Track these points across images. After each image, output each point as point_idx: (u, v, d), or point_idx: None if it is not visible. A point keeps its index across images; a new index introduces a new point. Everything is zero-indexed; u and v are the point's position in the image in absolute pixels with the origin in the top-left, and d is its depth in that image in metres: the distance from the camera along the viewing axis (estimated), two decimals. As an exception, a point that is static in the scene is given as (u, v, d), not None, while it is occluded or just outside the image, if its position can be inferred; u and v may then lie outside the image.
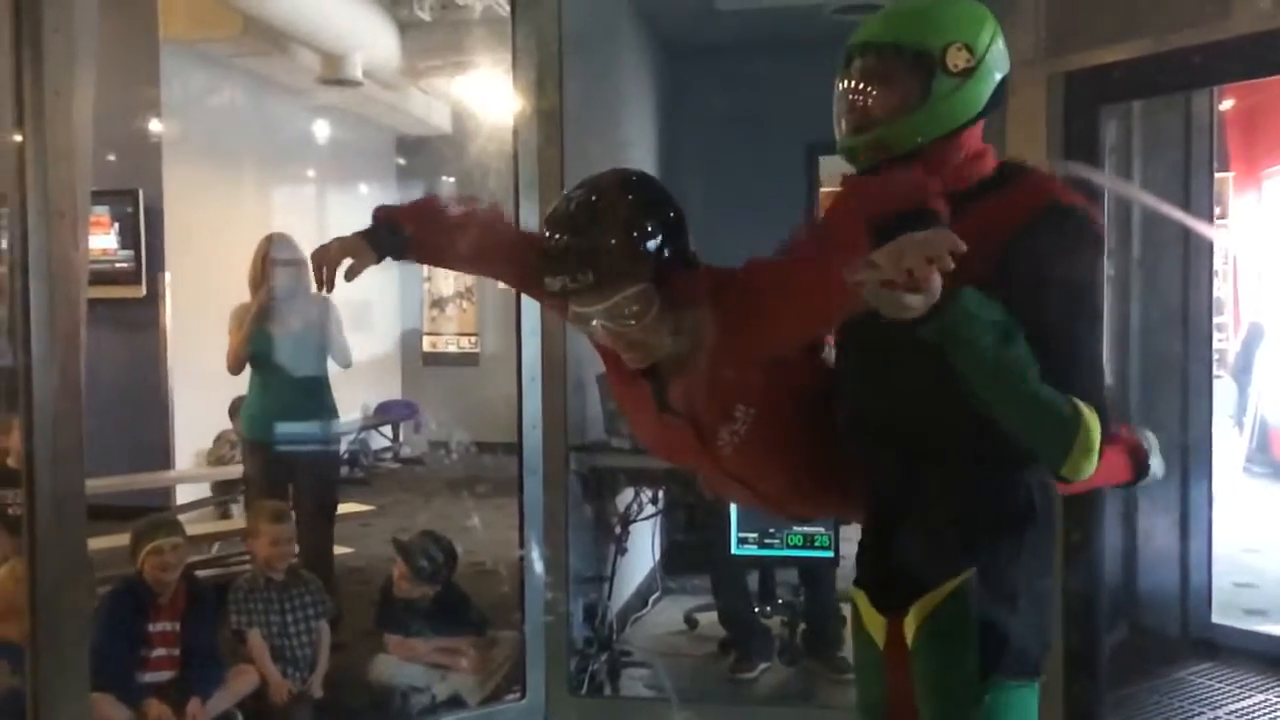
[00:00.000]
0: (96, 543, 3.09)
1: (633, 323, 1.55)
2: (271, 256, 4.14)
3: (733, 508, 3.45)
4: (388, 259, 1.94)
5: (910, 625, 1.63)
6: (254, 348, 4.15)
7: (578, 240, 1.54)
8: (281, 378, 4.19)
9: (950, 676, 1.60)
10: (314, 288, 4.30)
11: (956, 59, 1.57)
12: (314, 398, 4.28)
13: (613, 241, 1.53)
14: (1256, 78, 3.42)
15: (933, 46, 1.57)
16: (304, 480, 4.27)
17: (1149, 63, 2.94)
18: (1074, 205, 1.56)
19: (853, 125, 1.64)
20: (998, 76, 1.61)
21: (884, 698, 1.71)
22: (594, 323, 1.57)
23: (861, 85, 1.62)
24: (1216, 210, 4.63)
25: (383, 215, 1.96)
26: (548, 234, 1.58)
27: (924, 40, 1.58)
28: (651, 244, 1.55)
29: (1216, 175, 4.31)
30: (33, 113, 2.70)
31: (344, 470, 6.32)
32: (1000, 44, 1.61)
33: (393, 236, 1.92)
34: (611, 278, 1.52)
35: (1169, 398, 3.94)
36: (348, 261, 1.89)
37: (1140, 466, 1.98)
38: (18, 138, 2.80)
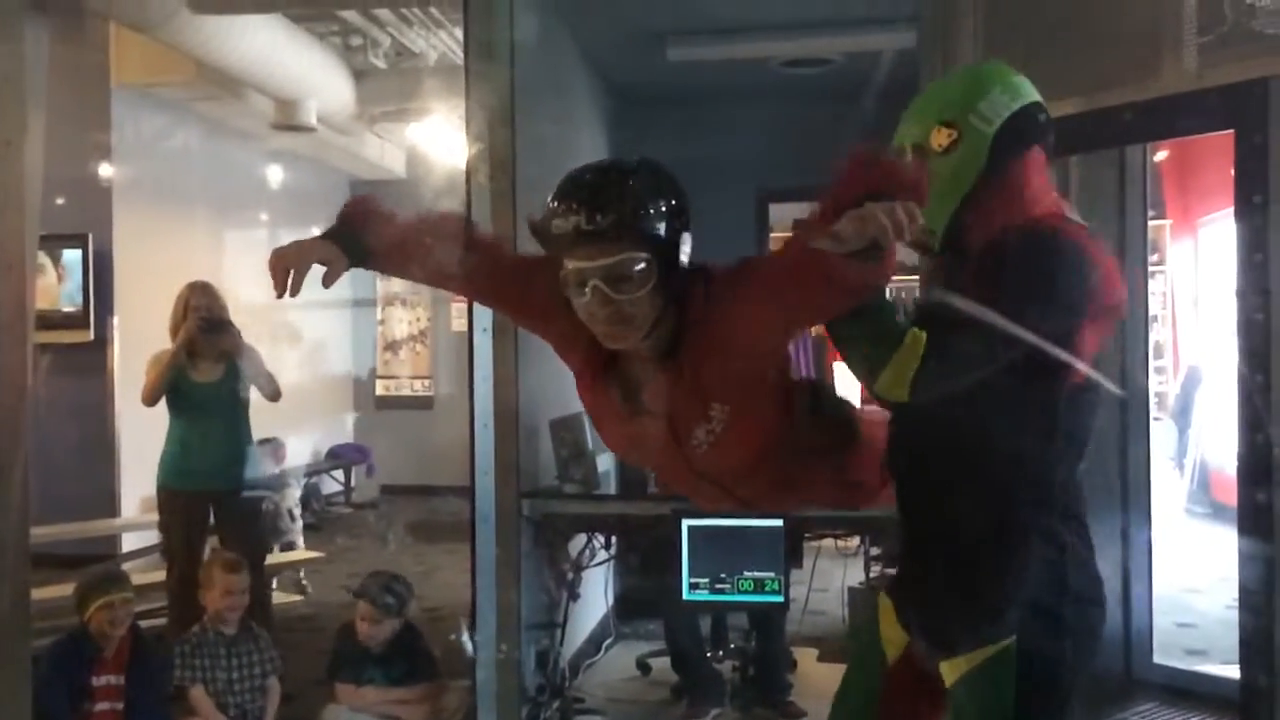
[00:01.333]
0: (39, 592, 3.05)
1: (631, 290, 1.55)
2: (192, 304, 4.17)
3: (685, 554, 3.48)
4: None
5: (949, 673, 1.74)
6: (171, 392, 4.17)
7: (601, 185, 1.56)
8: (199, 424, 4.20)
9: None
10: (233, 339, 4.31)
11: (939, 139, 1.72)
12: (231, 445, 4.28)
13: (634, 195, 1.55)
14: (1184, 135, 3.55)
15: (920, 139, 1.74)
16: (227, 529, 4.26)
17: (1080, 120, 3.05)
18: (1060, 233, 1.68)
19: None
20: (990, 130, 1.70)
21: (873, 699, 1.84)
22: (589, 284, 1.55)
23: None
24: (1154, 256, 4.75)
25: (349, 217, 1.82)
26: (570, 178, 1.59)
27: (916, 136, 1.75)
28: (664, 215, 1.56)
29: (1153, 222, 4.44)
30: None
31: (296, 515, 6.24)
32: (989, 98, 1.71)
33: (355, 241, 1.79)
34: (627, 230, 1.53)
35: (1107, 441, 4.02)
36: (313, 267, 1.75)
37: None
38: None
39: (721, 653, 4.08)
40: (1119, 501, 3.96)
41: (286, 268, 1.73)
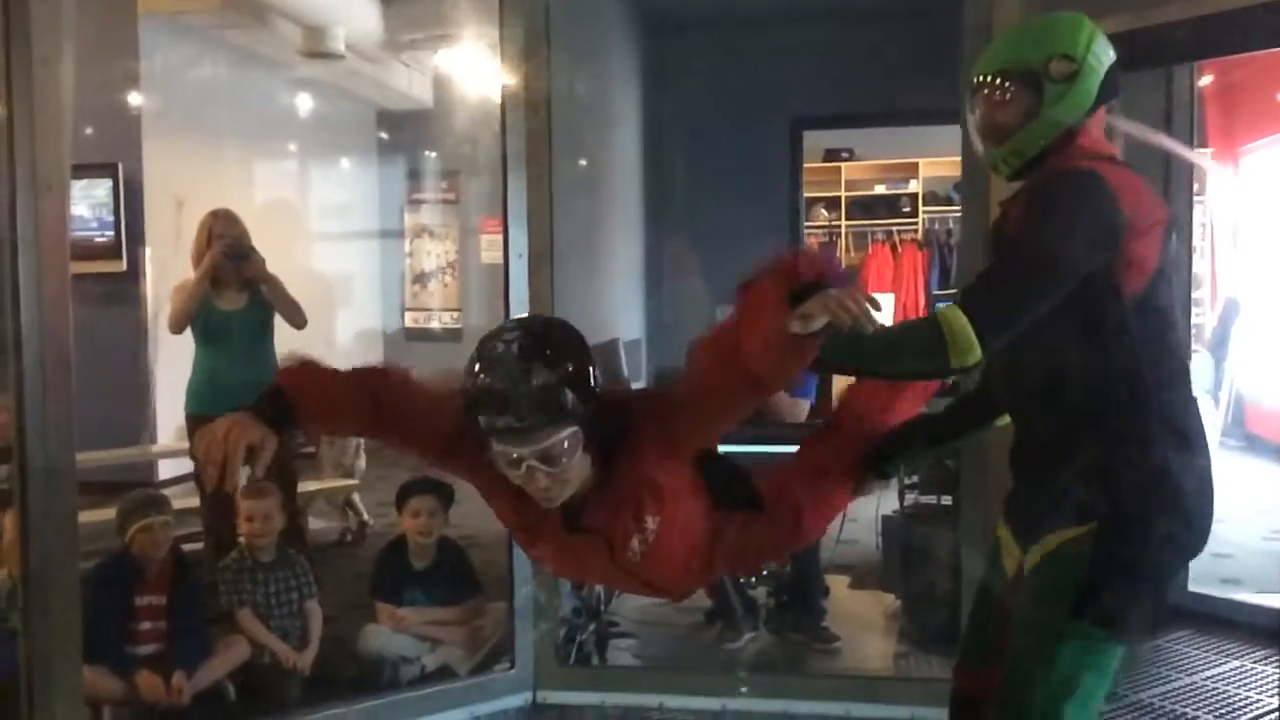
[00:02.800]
0: (80, 517, 3.10)
1: (564, 462, 1.65)
2: (216, 232, 4.17)
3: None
4: None
5: (1031, 558, 1.86)
6: (197, 320, 4.18)
7: (525, 382, 1.61)
8: (225, 352, 4.21)
9: (1043, 611, 1.81)
10: (257, 266, 4.30)
11: (1060, 68, 1.85)
12: (258, 371, 4.28)
13: (557, 383, 1.62)
14: (1237, 53, 3.46)
15: (1036, 64, 1.87)
16: (254, 457, 4.28)
17: (1129, 37, 2.97)
18: (1078, 167, 1.81)
19: (989, 141, 1.94)
20: (1102, 71, 1.87)
21: (998, 623, 1.95)
22: (523, 466, 1.65)
23: (986, 107, 1.93)
24: (1195, 186, 4.67)
25: (272, 389, 1.85)
26: (482, 376, 1.64)
27: (1027, 61, 1.88)
28: (585, 387, 1.66)
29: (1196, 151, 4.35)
30: (19, 82, 2.68)
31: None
32: (1099, 42, 1.88)
33: (278, 408, 1.81)
34: (556, 420, 1.62)
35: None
36: (242, 448, 1.75)
37: None
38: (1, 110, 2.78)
39: (754, 578, 4.11)
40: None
41: (219, 461, 1.73)
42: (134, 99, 6.31)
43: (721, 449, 3.43)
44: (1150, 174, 4.01)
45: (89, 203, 6.32)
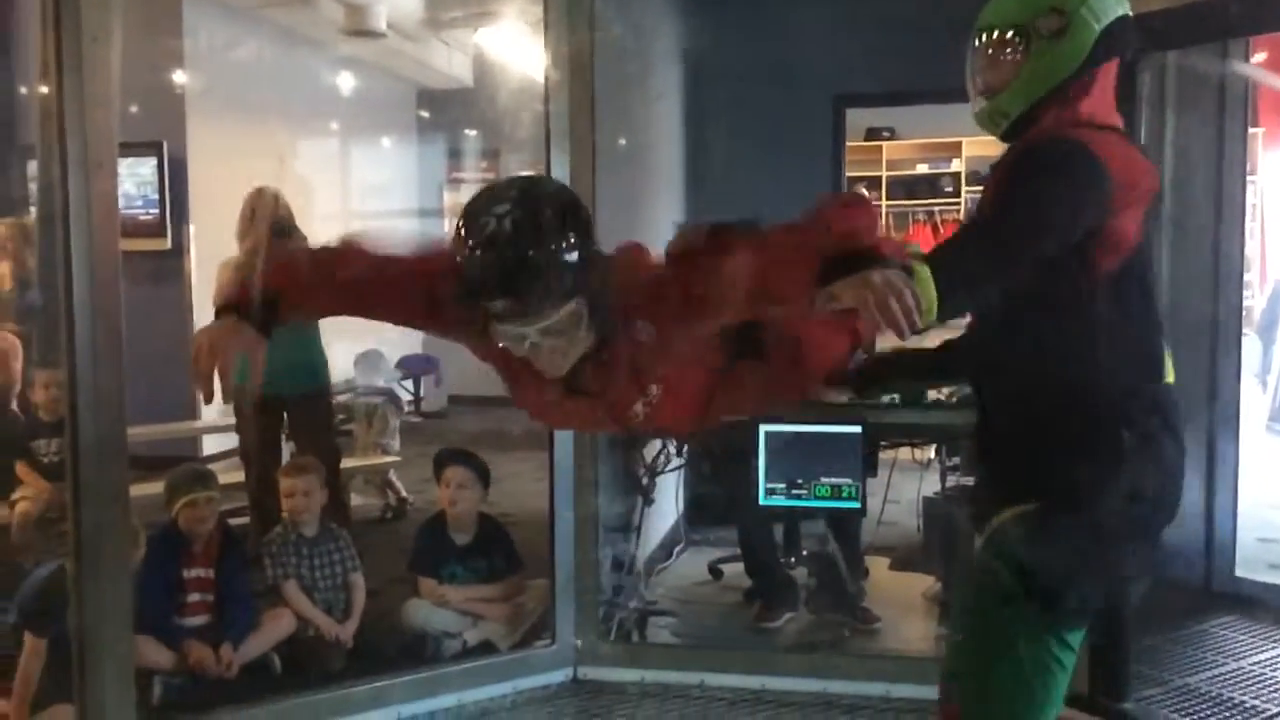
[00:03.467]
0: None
1: (568, 335, 1.58)
2: (260, 211, 4.21)
3: (761, 459, 3.48)
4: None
5: (980, 540, 1.79)
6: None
7: (521, 259, 1.51)
8: None
9: (984, 596, 1.74)
10: (300, 243, 4.36)
11: (1047, 23, 1.75)
12: (302, 349, 4.34)
13: (553, 261, 1.52)
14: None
15: (1023, 20, 1.77)
16: (299, 432, 4.35)
17: (1184, 12, 2.91)
18: (1064, 136, 1.72)
19: (978, 97, 1.85)
20: (1097, 27, 1.75)
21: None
22: (527, 342, 1.58)
23: (977, 63, 1.84)
24: (1248, 165, 4.58)
25: (243, 291, 1.77)
26: (478, 253, 1.53)
27: (1018, 17, 1.78)
28: (584, 256, 1.55)
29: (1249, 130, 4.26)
30: (70, 60, 2.71)
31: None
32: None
33: (264, 307, 1.74)
34: (556, 296, 1.53)
35: (1198, 354, 3.93)
36: (234, 353, 1.70)
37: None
38: (43, 88, 2.80)
39: (794, 559, 4.10)
40: (1206, 415, 3.89)
41: (209, 373, 1.68)
42: (178, 78, 6.36)
43: (765, 428, 3.43)
44: (1204, 150, 3.95)
45: (134, 180, 6.37)
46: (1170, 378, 1.80)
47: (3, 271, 5.02)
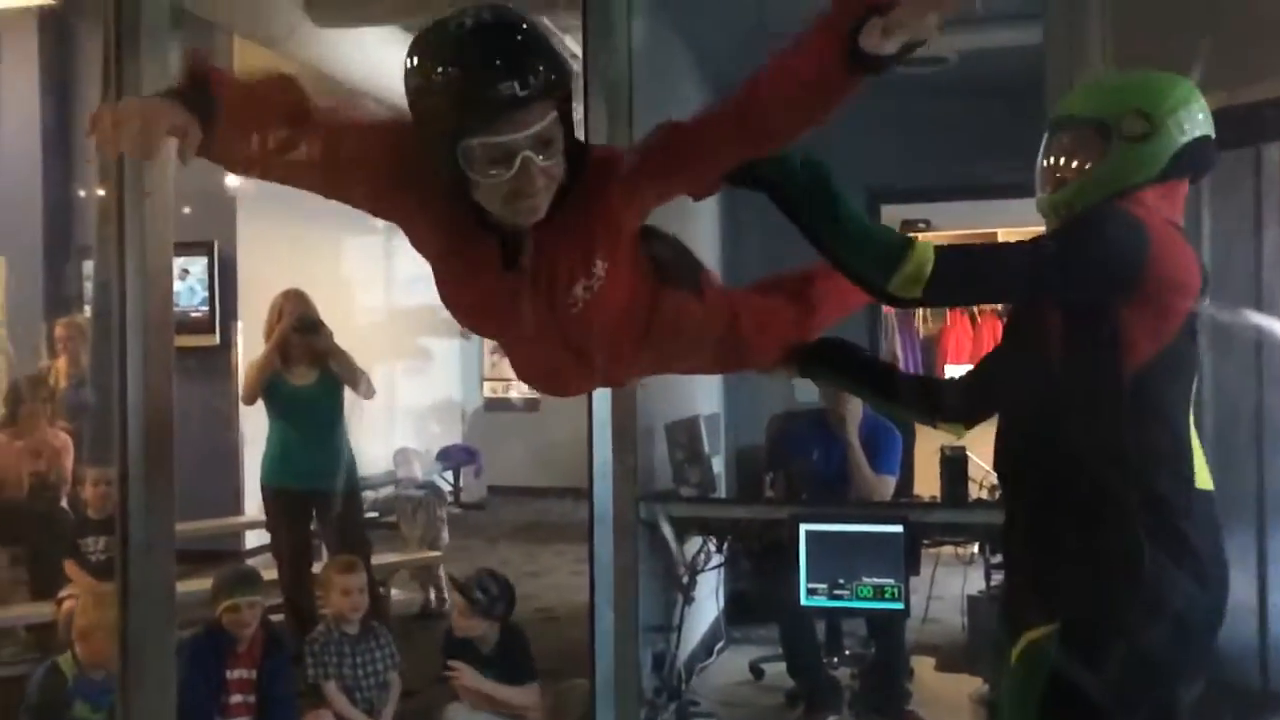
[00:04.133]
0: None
1: (555, 149, 1.44)
2: (286, 309, 4.32)
3: (803, 558, 3.46)
4: None
5: (1009, 661, 1.70)
6: (268, 395, 4.32)
7: (519, 42, 1.40)
8: (296, 427, 4.36)
9: (1014, 712, 1.67)
10: (325, 340, 4.47)
11: (1132, 125, 1.71)
12: (329, 445, 4.42)
13: (550, 48, 1.42)
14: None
15: (1109, 115, 1.73)
16: (330, 529, 4.41)
17: (1221, 115, 2.94)
18: (1120, 207, 1.69)
19: (1046, 187, 1.81)
20: (1181, 140, 1.71)
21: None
22: (519, 157, 1.41)
23: (1052, 153, 1.80)
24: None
25: (195, 68, 1.50)
26: (464, 47, 1.40)
27: (1102, 111, 1.74)
28: (568, 65, 1.45)
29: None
30: (130, 167, 2.82)
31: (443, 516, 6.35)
32: (1188, 110, 1.73)
33: (201, 96, 1.46)
34: (551, 89, 1.41)
35: (1245, 450, 3.88)
36: (163, 133, 1.43)
37: None
38: (100, 191, 2.90)
39: (837, 659, 4.04)
40: (1255, 511, 3.82)
41: (118, 125, 1.41)
42: (230, 180, 6.56)
43: (806, 527, 3.42)
44: (1241, 244, 3.94)
45: (185, 278, 6.56)
46: (1207, 483, 1.71)
47: (58, 369, 5.16)
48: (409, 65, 1.44)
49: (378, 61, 5.66)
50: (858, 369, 2.03)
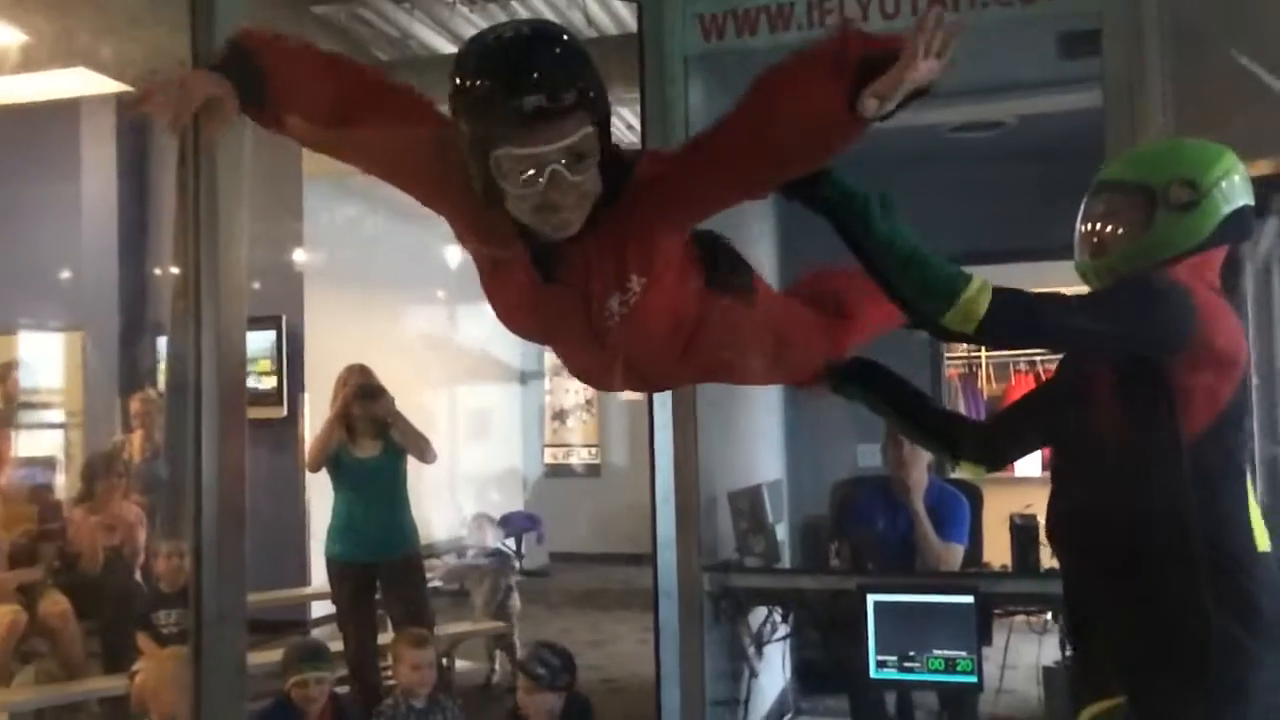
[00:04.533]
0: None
1: (589, 164, 1.44)
2: (350, 384, 4.39)
3: (871, 630, 3.40)
4: None
5: None
6: (333, 467, 4.39)
7: (553, 54, 1.40)
8: (360, 498, 4.42)
9: None
10: (386, 406, 4.54)
11: (1179, 194, 1.72)
12: (392, 516, 4.47)
13: (584, 60, 1.43)
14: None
15: (1155, 183, 1.74)
16: (393, 599, 4.44)
17: (1272, 182, 2.92)
18: (1166, 274, 1.70)
19: (1086, 251, 1.83)
20: (1227, 210, 1.73)
21: None
22: (548, 169, 1.40)
23: (1094, 217, 1.81)
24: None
25: (241, 44, 1.58)
26: (497, 58, 1.40)
27: (1148, 177, 1.76)
28: (601, 80, 1.45)
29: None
30: (207, 248, 2.91)
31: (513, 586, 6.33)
32: (1233, 179, 1.75)
33: (247, 73, 1.54)
34: (585, 104, 1.41)
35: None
36: (200, 98, 1.53)
37: None
38: (174, 269, 2.98)
39: (907, 731, 3.96)
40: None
41: (171, 104, 1.52)
42: (298, 256, 6.74)
43: (874, 598, 3.38)
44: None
45: (254, 352, 6.71)
46: (1266, 545, 1.70)
47: (133, 443, 5.28)
48: (451, 73, 1.45)
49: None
50: (890, 391, 2.03)
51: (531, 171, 1.41)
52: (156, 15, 3.57)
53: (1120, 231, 1.77)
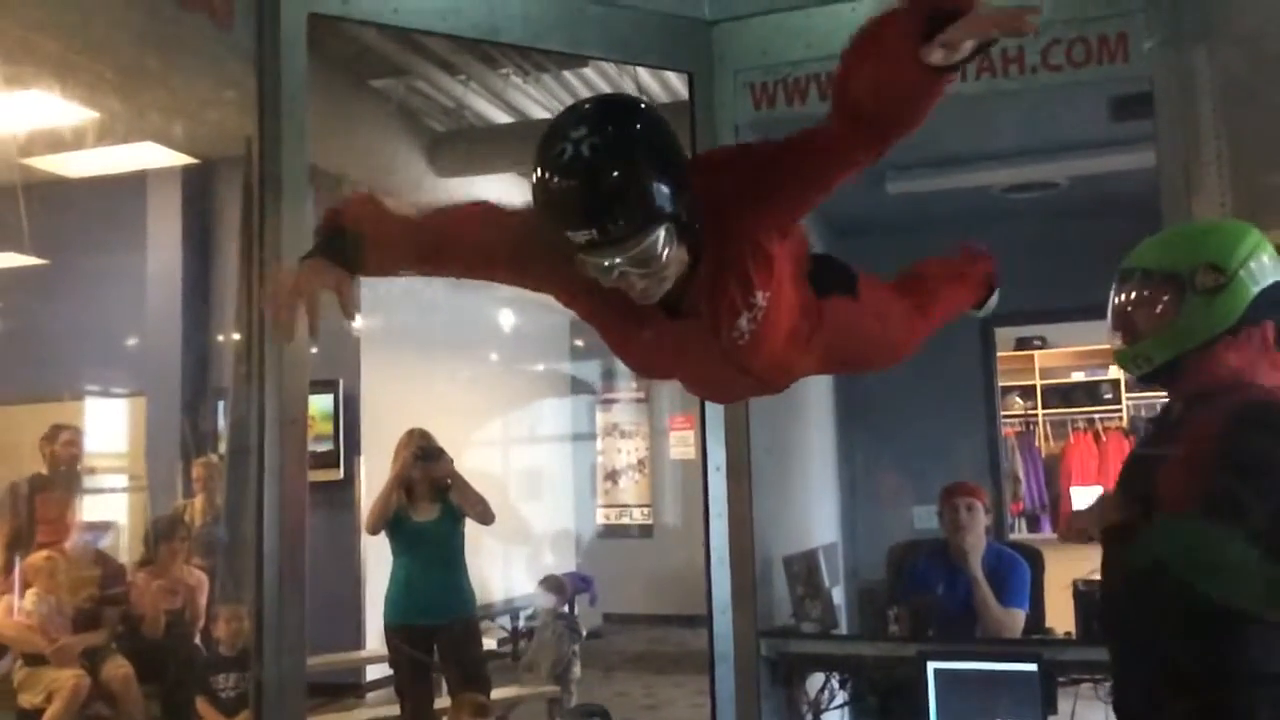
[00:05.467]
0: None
1: (659, 261, 1.47)
2: (410, 446, 4.44)
3: (932, 699, 3.35)
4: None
5: None
6: (393, 532, 4.43)
7: (604, 186, 1.42)
8: (419, 562, 4.45)
9: None
10: (445, 467, 4.56)
11: (1205, 279, 1.74)
12: (448, 578, 4.49)
13: (640, 183, 1.43)
14: None
15: (1180, 269, 1.77)
16: (449, 663, 4.43)
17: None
18: (1267, 401, 1.70)
19: (1120, 338, 1.85)
20: (1255, 290, 1.75)
21: None
22: (615, 271, 1.47)
23: (1124, 304, 1.84)
24: None
25: (329, 221, 1.67)
26: (555, 186, 1.44)
27: (1174, 264, 1.78)
28: (672, 181, 1.46)
29: None
30: (272, 323, 2.98)
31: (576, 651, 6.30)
32: (1260, 257, 1.77)
33: (344, 244, 1.63)
34: (642, 222, 1.43)
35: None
36: (319, 290, 1.61)
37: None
38: (235, 335, 3.04)
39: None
40: None
41: (290, 306, 1.60)
42: (355, 321, 6.85)
43: (934, 665, 3.32)
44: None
45: (312, 415, 6.81)
46: None
47: (195, 507, 5.37)
48: (536, 152, 1.50)
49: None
50: None
51: (600, 270, 1.48)
52: (224, 96, 3.71)
53: (1151, 318, 1.80)
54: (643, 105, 1.57)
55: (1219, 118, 3.08)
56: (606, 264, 1.46)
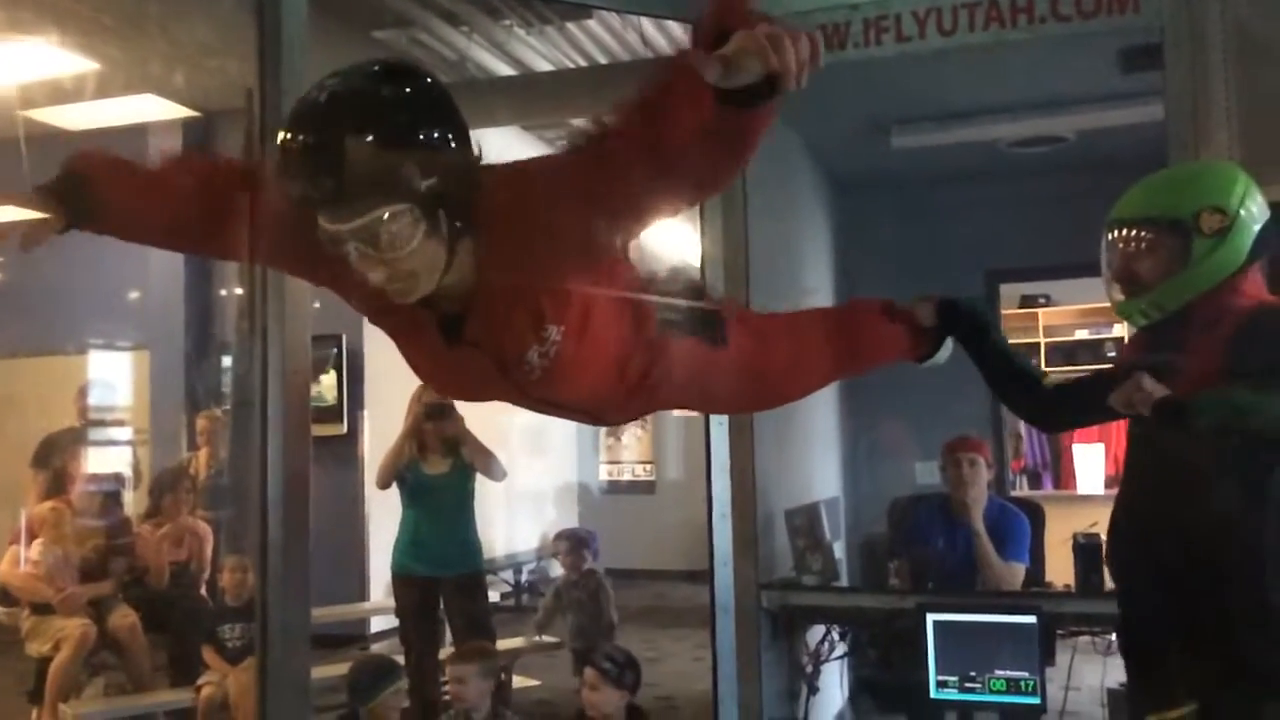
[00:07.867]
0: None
1: (396, 247, 1.32)
2: (422, 400, 4.45)
3: (931, 650, 3.37)
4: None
5: None
6: (403, 483, 4.46)
7: (320, 139, 1.28)
8: (429, 514, 4.47)
9: None
10: (456, 425, 4.54)
11: (1210, 222, 1.75)
12: (460, 532, 4.51)
13: (367, 148, 1.27)
14: None
15: (1185, 214, 1.76)
16: (455, 615, 4.47)
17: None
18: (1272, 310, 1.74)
19: (1125, 290, 1.84)
20: (1255, 228, 1.77)
21: None
22: (349, 245, 1.33)
23: (1126, 255, 1.82)
24: None
25: (72, 167, 1.55)
26: (290, 131, 1.31)
27: (1175, 210, 1.77)
28: (418, 157, 1.30)
29: None
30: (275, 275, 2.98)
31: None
32: (1253, 195, 1.78)
33: (79, 194, 1.53)
34: (361, 191, 1.28)
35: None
36: (26, 222, 1.51)
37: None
38: (238, 290, 3.05)
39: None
40: None
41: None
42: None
43: (934, 617, 3.35)
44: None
45: (314, 370, 6.82)
46: None
47: (199, 460, 5.39)
48: None
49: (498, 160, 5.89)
50: (985, 339, 2.12)
51: (335, 244, 1.34)
52: (226, 46, 3.68)
53: (1158, 267, 1.79)
54: (426, 79, 1.39)
55: (1229, 70, 3.04)
56: (332, 229, 1.32)
